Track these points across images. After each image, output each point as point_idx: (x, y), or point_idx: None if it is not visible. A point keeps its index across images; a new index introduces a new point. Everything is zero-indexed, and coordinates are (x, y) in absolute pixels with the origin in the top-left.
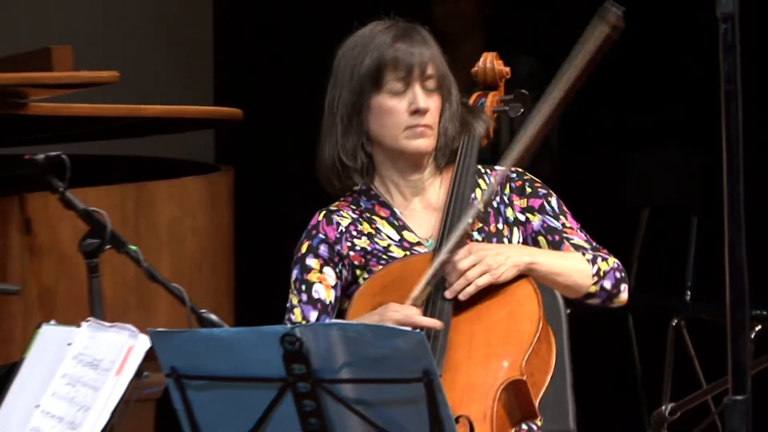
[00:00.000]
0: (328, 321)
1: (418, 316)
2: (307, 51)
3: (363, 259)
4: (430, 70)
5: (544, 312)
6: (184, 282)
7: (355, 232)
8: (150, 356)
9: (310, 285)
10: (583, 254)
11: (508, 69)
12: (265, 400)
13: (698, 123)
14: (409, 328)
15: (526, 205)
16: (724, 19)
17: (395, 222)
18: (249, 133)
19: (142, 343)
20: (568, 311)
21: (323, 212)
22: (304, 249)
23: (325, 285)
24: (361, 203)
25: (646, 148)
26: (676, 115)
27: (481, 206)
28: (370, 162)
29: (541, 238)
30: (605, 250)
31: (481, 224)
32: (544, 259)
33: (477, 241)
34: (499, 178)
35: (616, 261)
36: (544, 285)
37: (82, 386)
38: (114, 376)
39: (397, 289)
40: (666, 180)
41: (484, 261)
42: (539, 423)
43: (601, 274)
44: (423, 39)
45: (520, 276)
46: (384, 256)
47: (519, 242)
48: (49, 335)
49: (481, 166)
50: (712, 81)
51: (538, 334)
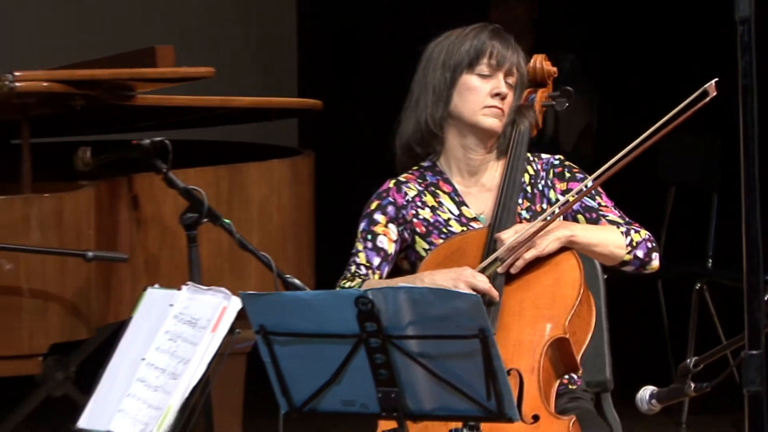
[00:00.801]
0: (396, 284)
1: (483, 283)
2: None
3: (425, 229)
4: (515, 70)
5: (584, 279)
6: (271, 251)
7: (419, 203)
8: (241, 315)
9: (375, 235)
10: (618, 228)
11: (555, 69)
12: (341, 353)
13: (718, 112)
14: (467, 291)
15: (566, 188)
16: (742, 22)
17: (456, 198)
18: (328, 120)
19: (235, 304)
20: (605, 277)
21: (393, 181)
22: (373, 206)
23: (388, 238)
24: (428, 177)
25: (673, 134)
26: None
27: None
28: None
29: (580, 216)
30: (637, 224)
31: (529, 204)
32: (583, 233)
33: (525, 219)
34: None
35: (648, 233)
36: (585, 255)
37: (182, 342)
38: (210, 332)
39: (457, 260)
40: (690, 162)
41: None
42: (580, 374)
43: (634, 244)
44: (513, 44)
45: (564, 249)
46: (444, 229)
47: (560, 220)
48: (154, 297)
49: (529, 154)
50: (732, 75)
51: (579, 298)
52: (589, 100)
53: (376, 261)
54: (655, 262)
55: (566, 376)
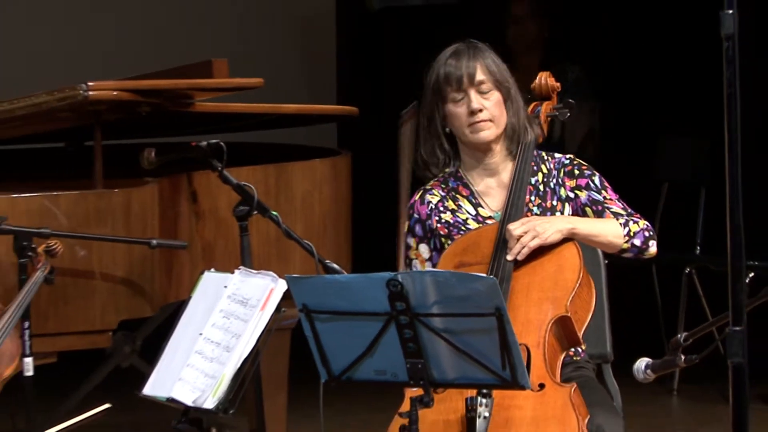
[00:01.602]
0: (425, 269)
1: None
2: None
3: (447, 230)
4: (480, 76)
5: (585, 265)
6: (313, 239)
7: (442, 208)
8: (286, 296)
9: (411, 260)
10: (618, 219)
11: (558, 84)
12: (374, 329)
13: (706, 117)
14: (485, 275)
15: (575, 185)
16: (726, 38)
17: (472, 200)
18: (363, 124)
19: (281, 286)
20: (606, 263)
21: (420, 192)
22: (406, 228)
23: (420, 260)
24: (450, 183)
25: (667, 137)
26: (689, 111)
27: None
28: (456, 152)
29: (587, 209)
30: (638, 215)
31: (540, 201)
32: (583, 225)
33: (536, 214)
34: None
35: (646, 223)
36: (587, 245)
37: (235, 319)
38: (259, 311)
39: (472, 252)
40: (681, 161)
41: (534, 229)
42: (584, 347)
43: (632, 234)
44: (472, 53)
45: (566, 240)
46: (463, 227)
47: (569, 214)
48: (210, 279)
49: (544, 153)
50: (717, 86)
51: (579, 282)
52: (592, 107)
53: None
54: (652, 249)
55: (571, 350)
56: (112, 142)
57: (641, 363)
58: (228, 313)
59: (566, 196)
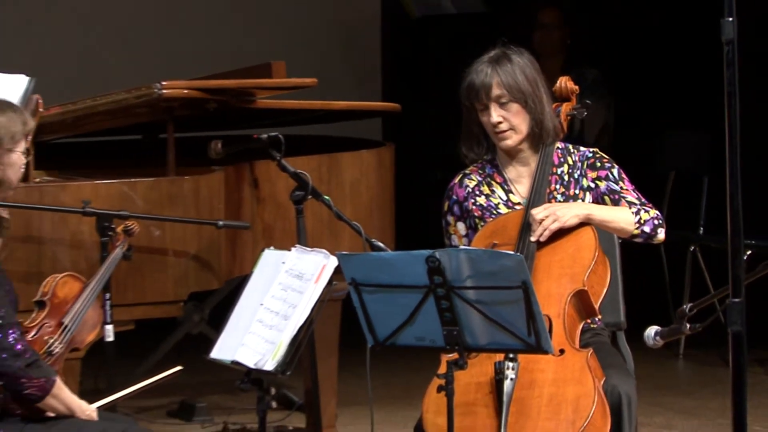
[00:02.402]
0: (460, 246)
1: None
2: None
3: (480, 212)
4: (495, 91)
5: (601, 245)
6: (361, 221)
7: (477, 192)
8: (337, 271)
9: (450, 235)
10: (631, 208)
11: (577, 87)
12: (414, 300)
13: (707, 113)
14: (512, 252)
15: (596, 176)
16: (726, 43)
17: (505, 186)
18: (405, 119)
19: (332, 262)
20: (620, 242)
21: (459, 176)
22: (445, 207)
23: (458, 236)
24: (486, 170)
25: (672, 130)
26: (692, 108)
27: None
28: (492, 144)
29: (606, 197)
30: (650, 205)
31: (564, 189)
32: (598, 212)
33: (559, 201)
34: None
35: (657, 212)
36: (603, 229)
37: (292, 291)
38: (313, 284)
39: (501, 234)
40: (686, 152)
41: (554, 213)
42: (599, 317)
43: (642, 221)
44: (492, 68)
45: (583, 224)
46: (494, 211)
47: (590, 201)
48: (270, 256)
49: (570, 146)
50: (718, 84)
51: (595, 260)
52: (607, 105)
53: None
54: (660, 236)
55: (589, 320)
56: (183, 135)
57: (651, 330)
58: (285, 286)
59: (588, 186)
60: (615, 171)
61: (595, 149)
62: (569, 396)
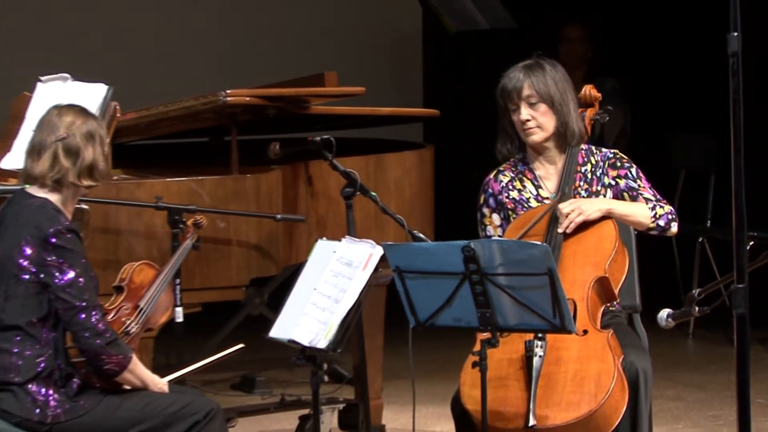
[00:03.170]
0: (492, 238)
1: None
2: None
3: (513, 205)
4: (526, 91)
5: (620, 237)
6: (404, 214)
7: (510, 186)
8: (383, 259)
9: (485, 226)
10: (647, 204)
11: (599, 95)
12: (452, 285)
13: (715, 117)
14: (540, 243)
15: (616, 174)
16: (732, 55)
17: (535, 182)
18: (444, 123)
19: (378, 251)
20: (636, 233)
21: (494, 172)
22: (481, 200)
23: (492, 226)
24: (519, 167)
25: (683, 133)
26: (700, 112)
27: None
28: (523, 143)
29: (625, 194)
30: (665, 201)
31: (587, 186)
32: (618, 206)
33: (583, 197)
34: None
35: (671, 208)
36: (622, 223)
37: (342, 277)
38: (361, 270)
39: (530, 225)
40: (695, 153)
41: (579, 208)
42: (618, 301)
43: (657, 216)
44: (525, 73)
45: (605, 217)
46: (525, 205)
47: (610, 197)
48: (323, 246)
49: (594, 148)
50: (724, 92)
51: (615, 250)
52: (624, 111)
53: None
54: (674, 230)
55: (609, 303)
56: (245, 138)
57: (664, 313)
58: (336, 273)
59: (609, 183)
60: (633, 170)
61: (615, 150)
62: (592, 372)
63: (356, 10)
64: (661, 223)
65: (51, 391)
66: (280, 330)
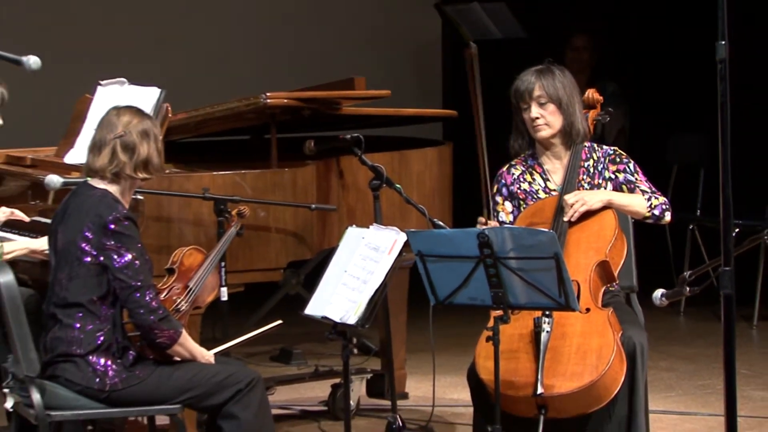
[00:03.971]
0: (504, 225)
1: None
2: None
3: (524, 195)
4: (537, 92)
5: (619, 225)
6: (425, 204)
7: (522, 179)
8: (406, 244)
9: (498, 212)
10: (644, 195)
11: (601, 98)
12: (468, 268)
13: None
14: (547, 230)
15: (616, 169)
16: (720, 62)
17: (543, 176)
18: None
19: (402, 237)
20: (633, 221)
21: (507, 165)
22: (494, 189)
23: (505, 212)
24: (528, 162)
25: (676, 132)
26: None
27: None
28: (533, 141)
29: (623, 186)
30: (659, 193)
31: (590, 179)
32: (618, 198)
33: (586, 189)
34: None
35: (665, 199)
36: (620, 212)
37: (369, 260)
38: (387, 255)
39: (539, 215)
40: (686, 149)
41: (583, 199)
42: (617, 282)
43: (652, 206)
44: (536, 75)
45: (606, 207)
46: (535, 196)
47: (611, 189)
48: (352, 232)
49: (596, 145)
50: (713, 95)
51: (615, 237)
52: (624, 112)
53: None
54: (667, 218)
55: (609, 284)
56: (283, 136)
57: (658, 292)
58: (365, 257)
59: (609, 177)
60: (631, 165)
61: (615, 147)
62: (594, 345)
63: (382, 22)
64: (656, 212)
65: (109, 362)
66: (314, 308)
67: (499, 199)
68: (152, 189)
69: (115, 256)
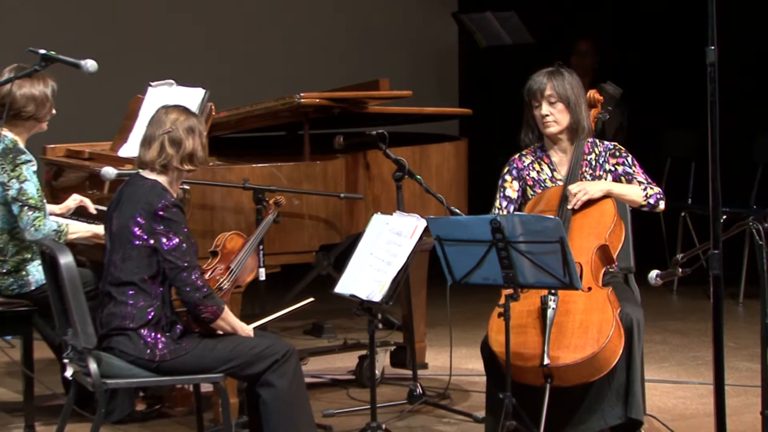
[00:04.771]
0: (514, 212)
1: None
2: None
3: (532, 182)
4: (548, 92)
5: (618, 212)
6: (443, 193)
7: (531, 168)
8: (426, 229)
9: (505, 188)
10: (640, 186)
11: (602, 98)
12: (482, 251)
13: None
14: (553, 217)
15: (615, 162)
16: (710, 65)
17: (551, 167)
18: (475, 120)
19: (423, 223)
20: (631, 209)
21: (518, 154)
22: (505, 170)
23: (511, 189)
24: (537, 153)
25: (669, 128)
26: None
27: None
28: (541, 135)
29: (622, 178)
30: (654, 183)
31: (591, 171)
32: (617, 188)
33: (588, 180)
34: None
35: (660, 189)
36: (619, 201)
37: (393, 243)
38: (409, 239)
39: (545, 203)
40: (679, 144)
41: (585, 188)
42: (616, 264)
43: (648, 196)
44: (548, 76)
45: (606, 196)
46: (542, 184)
47: (611, 180)
48: (377, 219)
49: (598, 140)
50: (703, 94)
51: (614, 223)
52: (622, 111)
53: (504, 203)
54: (661, 207)
55: (608, 266)
56: (316, 132)
57: (653, 273)
58: (389, 241)
59: (609, 169)
60: (629, 159)
61: (615, 143)
62: (595, 321)
63: (405, 29)
64: (651, 201)
65: (159, 335)
66: (343, 286)
67: (508, 177)
68: (198, 180)
69: (164, 240)
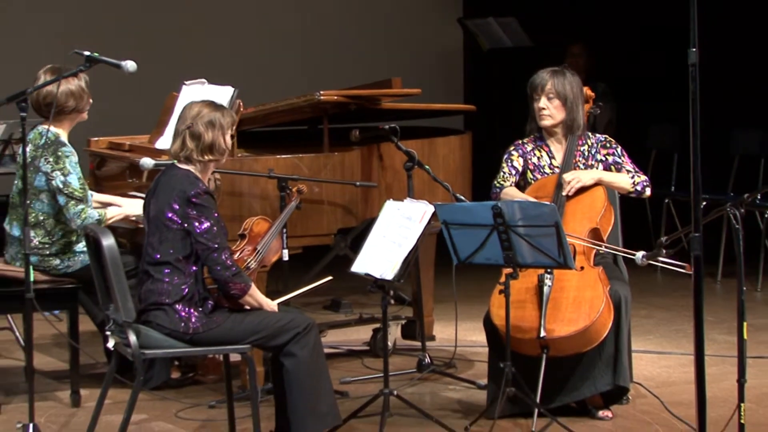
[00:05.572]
0: (515, 199)
1: None
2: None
3: (533, 167)
4: (548, 88)
5: (608, 198)
6: (450, 182)
7: (532, 154)
8: (434, 215)
9: (512, 159)
10: (628, 174)
11: (594, 94)
12: (484, 234)
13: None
14: (549, 203)
15: (606, 153)
16: (691, 66)
17: (548, 155)
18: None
19: (431, 209)
20: (620, 196)
21: (522, 140)
22: (511, 148)
23: (518, 162)
24: (537, 142)
25: (655, 123)
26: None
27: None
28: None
29: (612, 167)
30: (641, 172)
31: (584, 161)
32: (607, 176)
33: (581, 168)
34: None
35: (646, 177)
36: (609, 188)
37: (404, 228)
38: (418, 223)
39: (542, 190)
40: (663, 136)
41: (578, 176)
42: (606, 243)
43: (635, 183)
44: (550, 74)
45: (597, 184)
46: (542, 170)
47: (602, 169)
48: (390, 205)
49: (590, 133)
50: (685, 92)
51: (604, 208)
52: (612, 107)
53: (512, 171)
54: (648, 193)
55: (599, 247)
56: (334, 126)
57: (639, 254)
58: (400, 225)
59: (600, 159)
60: (618, 150)
61: (605, 135)
62: (587, 297)
63: (414, 33)
64: (638, 188)
65: (192, 310)
66: (359, 266)
67: (515, 153)
68: (227, 169)
69: (197, 224)
